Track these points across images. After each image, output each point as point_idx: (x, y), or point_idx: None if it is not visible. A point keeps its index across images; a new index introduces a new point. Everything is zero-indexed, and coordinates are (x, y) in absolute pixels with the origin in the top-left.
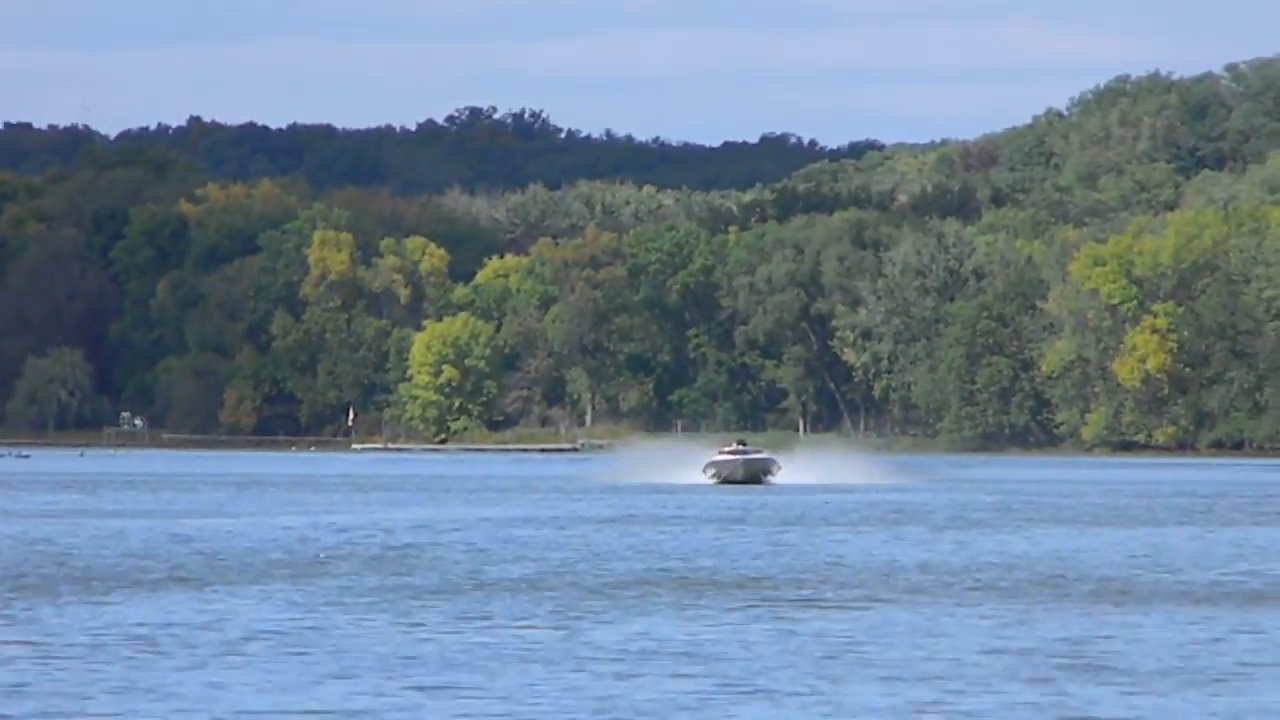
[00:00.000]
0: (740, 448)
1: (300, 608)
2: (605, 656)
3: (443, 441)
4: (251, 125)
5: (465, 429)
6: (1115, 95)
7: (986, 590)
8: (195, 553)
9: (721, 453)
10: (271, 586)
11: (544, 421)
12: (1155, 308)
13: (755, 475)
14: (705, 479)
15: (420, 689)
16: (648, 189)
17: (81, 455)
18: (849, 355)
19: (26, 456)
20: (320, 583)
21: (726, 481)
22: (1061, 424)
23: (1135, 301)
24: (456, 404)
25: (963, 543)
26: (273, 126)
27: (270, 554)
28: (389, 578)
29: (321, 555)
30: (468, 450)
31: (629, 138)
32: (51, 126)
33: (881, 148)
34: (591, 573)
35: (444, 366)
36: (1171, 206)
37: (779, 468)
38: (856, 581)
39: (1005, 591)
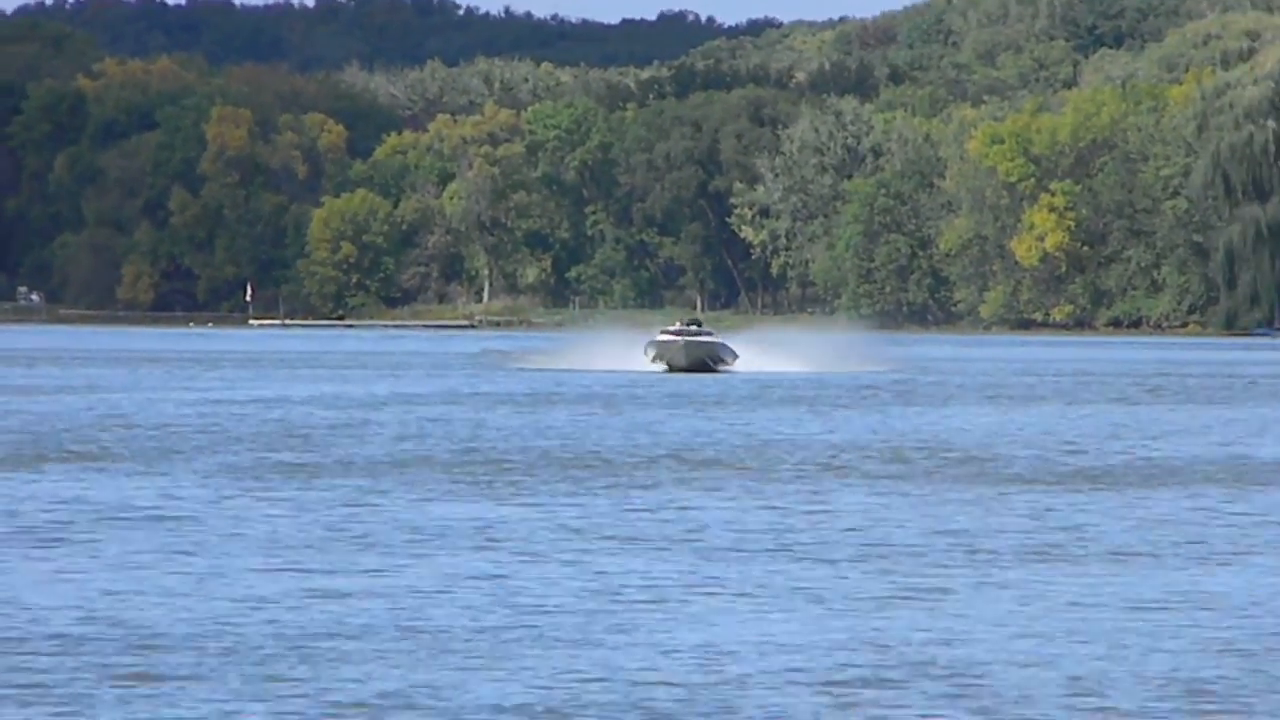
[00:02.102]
0: (686, 328)
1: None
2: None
3: (340, 318)
4: (150, 1)
5: (363, 305)
6: None
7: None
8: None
9: (665, 332)
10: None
11: (442, 298)
12: (1053, 186)
13: (702, 362)
14: (646, 362)
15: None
16: (546, 66)
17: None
18: (747, 233)
19: None
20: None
21: (671, 367)
22: (959, 302)
23: (1033, 180)
24: (354, 280)
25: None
26: (170, 3)
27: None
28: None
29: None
30: (366, 326)
31: (528, 14)
32: None
33: (779, 25)
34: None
35: (342, 243)
36: (1070, 85)
37: (734, 356)
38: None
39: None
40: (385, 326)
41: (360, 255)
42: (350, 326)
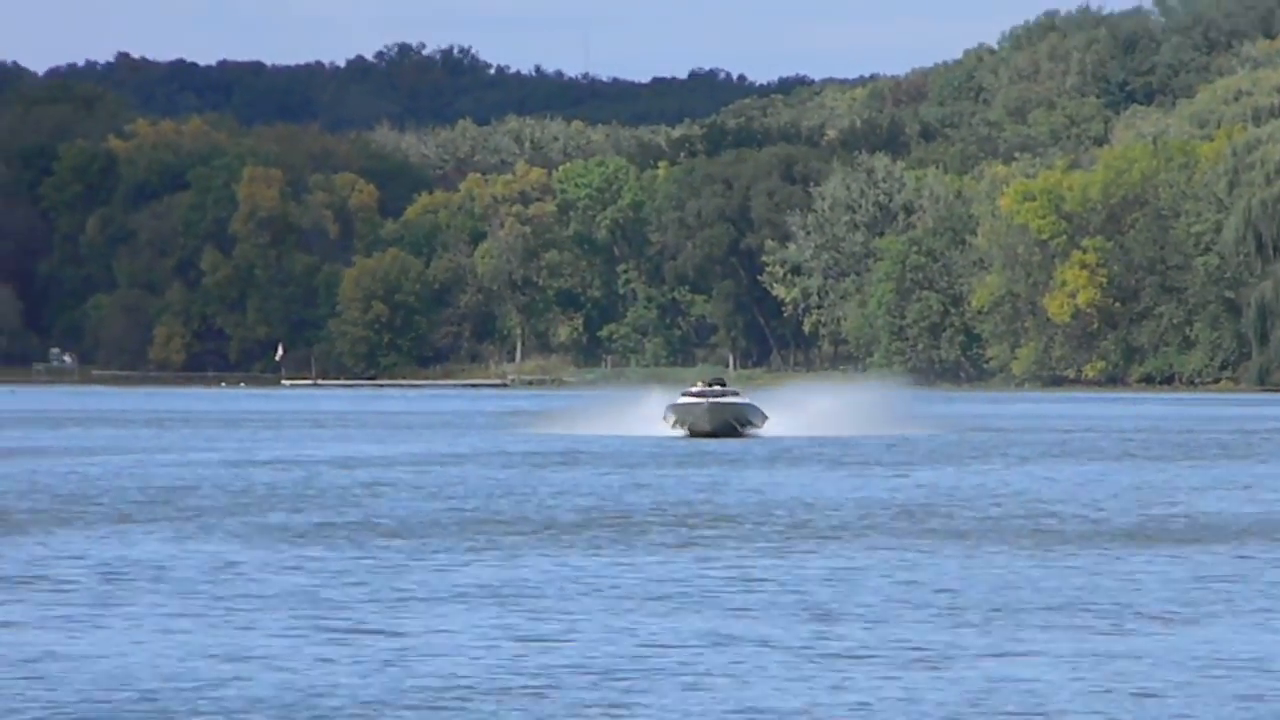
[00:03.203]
0: (707, 388)
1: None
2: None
3: (372, 377)
4: (180, 62)
5: (395, 365)
6: (1045, 30)
7: None
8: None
9: (686, 394)
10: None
11: (474, 357)
12: (1085, 243)
13: (728, 425)
14: (667, 428)
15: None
16: (576, 124)
17: (12, 393)
18: (778, 290)
19: None
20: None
21: (692, 432)
22: (992, 359)
23: (1065, 236)
24: (386, 340)
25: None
26: (201, 63)
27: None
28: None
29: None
30: (398, 385)
31: (558, 73)
32: None
33: (811, 83)
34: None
35: (373, 302)
36: (1101, 141)
37: (763, 418)
38: None
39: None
40: (417, 386)
41: (392, 315)
42: (381, 386)
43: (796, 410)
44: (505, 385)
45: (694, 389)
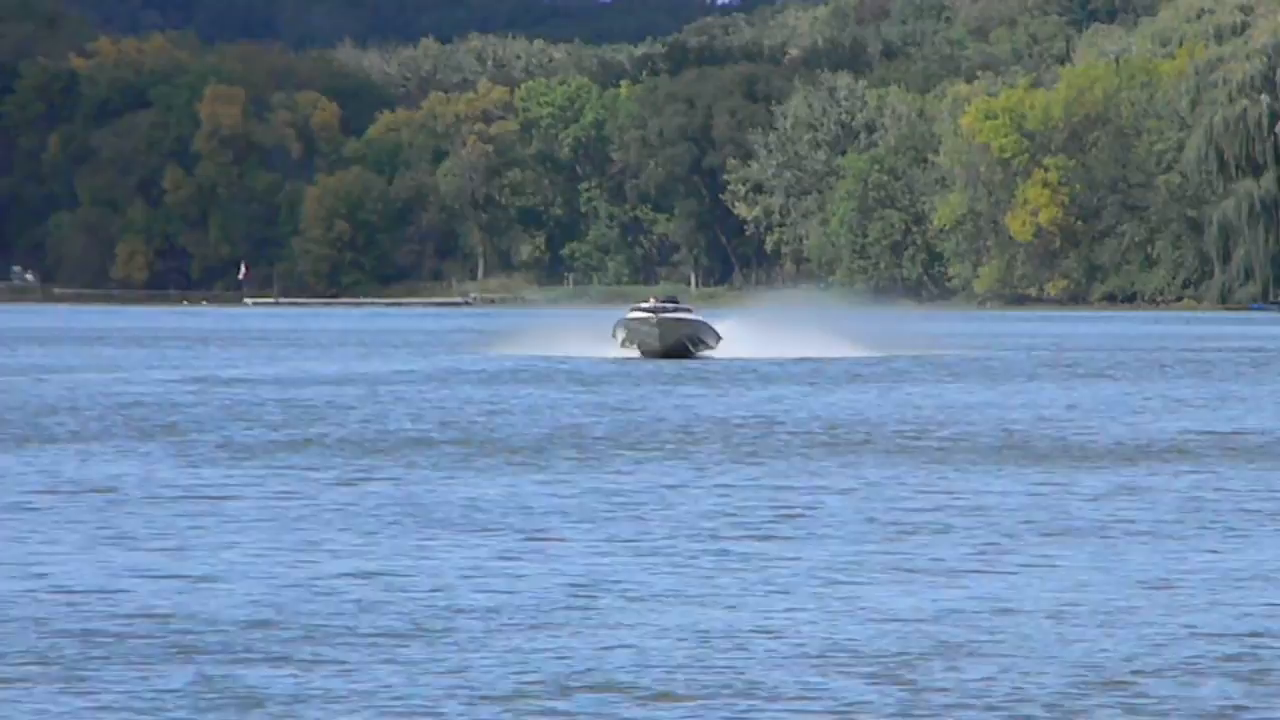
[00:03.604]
0: (659, 303)
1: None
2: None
3: (334, 295)
4: None
5: (357, 283)
6: None
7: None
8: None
9: (635, 309)
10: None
11: (436, 275)
12: (1047, 161)
13: (680, 344)
14: (616, 346)
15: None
16: (539, 43)
17: None
18: (740, 209)
19: None
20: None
21: (643, 351)
22: (954, 277)
23: (1027, 155)
24: (349, 258)
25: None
26: None
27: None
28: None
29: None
30: (359, 304)
31: None
32: None
33: (773, 2)
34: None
35: (336, 221)
36: (1063, 60)
37: (716, 338)
38: None
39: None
40: (379, 304)
41: (354, 233)
42: (344, 304)
43: (756, 329)
44: (468, 304)
45: (644, 304)
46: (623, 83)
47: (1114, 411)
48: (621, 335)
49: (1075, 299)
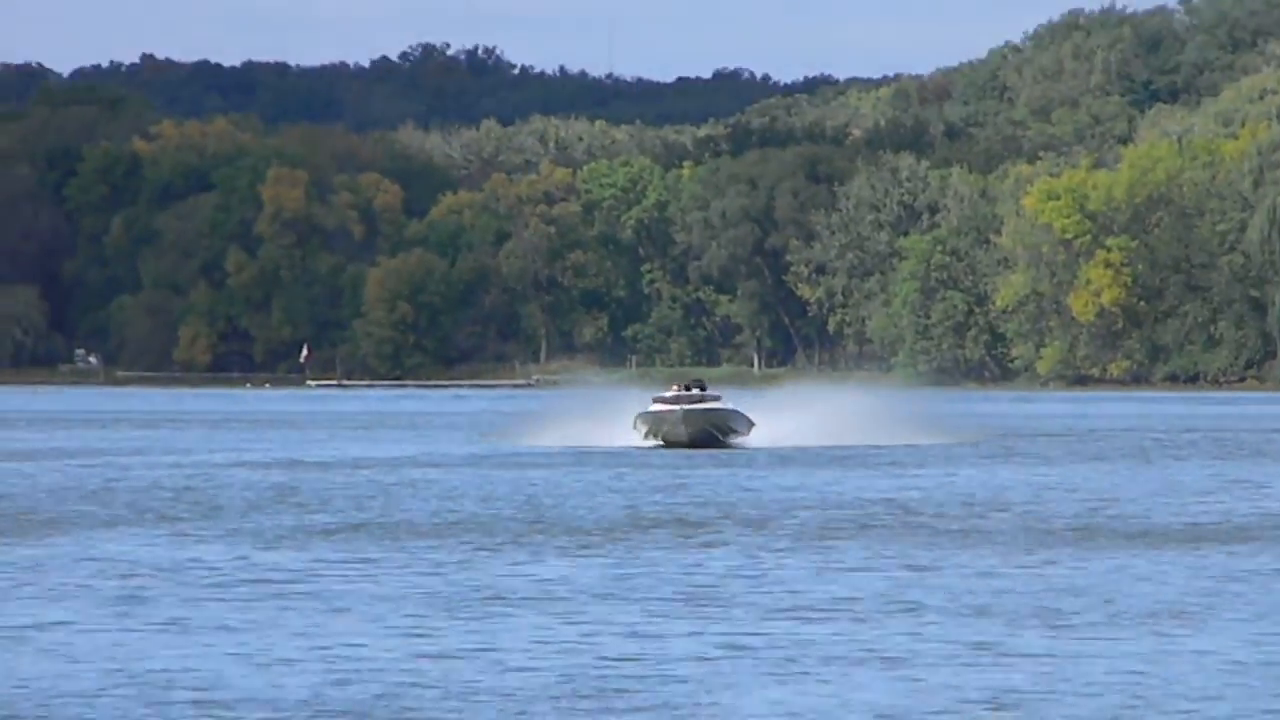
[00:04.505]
0: (684, 392)
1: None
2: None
3: (397, 378)
4: (205, 62)
5: (420, 365)
6: (1069, 29)
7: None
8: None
9: (658, 400)
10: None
11: (498, 357)
12: (1109, 242)
13: (706, 434)
14: (638, 439)
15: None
16: (601, 124)
17: (34, 394)
18: (803, 290)
19: None
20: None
21: (668, 443)
22: (1016, 358)
23: (1089, 236)
24: (411, 340)
25: None
26: (226, 64)
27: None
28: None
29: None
30: (422, 386)
31: (582, 73)
32: (4, 65)
33: (836, 82)
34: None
35: (398, 302)
36: (1125, 140)
37: (749, 425)
38: None
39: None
40: (442, 387)
41: (416, 315)
42: (406, 387)
43: (789, 416)
44: (530, 385)
45: (668, 394)
46: (685, 164)
47: None
48: (643, 429)
49: (1138, 379)
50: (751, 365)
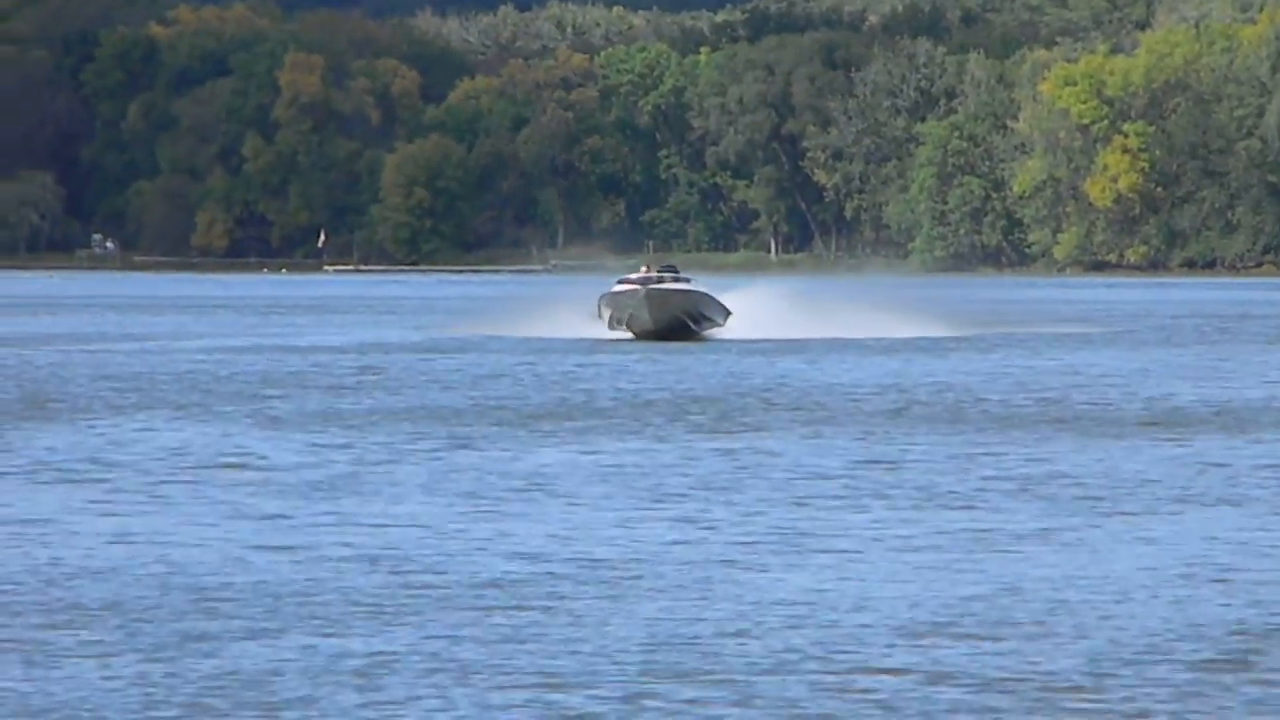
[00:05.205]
0: (651, 273)
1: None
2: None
3: (414, 263)
4: None
5: (437, 250)
6: None
7: None
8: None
9: (623, 281)
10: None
11: (515, 243)
12: (1126, 127)
13: (677, 321)
14: (602, 326)
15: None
16: (618, 10)
17: (51, 278)
18: (820, 176)
19: None
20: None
21: (634, 332)
22: (1033, 244)
23: (1106, 121)
24: (428, 225)
25: None
26: None
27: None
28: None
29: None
30: (439, 271)
31: None
32: None
33: None
34: None
35: (415, 188)
36: (1143, 26)
37: (724, 312)
38: None
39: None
40: (459, 271)
41: (434, 201)
42: (423, 271)
43: (778, 302)
44: (547, 271)
45: (634, 275)
46: (702, 49)
47: None
48: (607, 313)
49: (1155, 265)
50: (769, 251)
